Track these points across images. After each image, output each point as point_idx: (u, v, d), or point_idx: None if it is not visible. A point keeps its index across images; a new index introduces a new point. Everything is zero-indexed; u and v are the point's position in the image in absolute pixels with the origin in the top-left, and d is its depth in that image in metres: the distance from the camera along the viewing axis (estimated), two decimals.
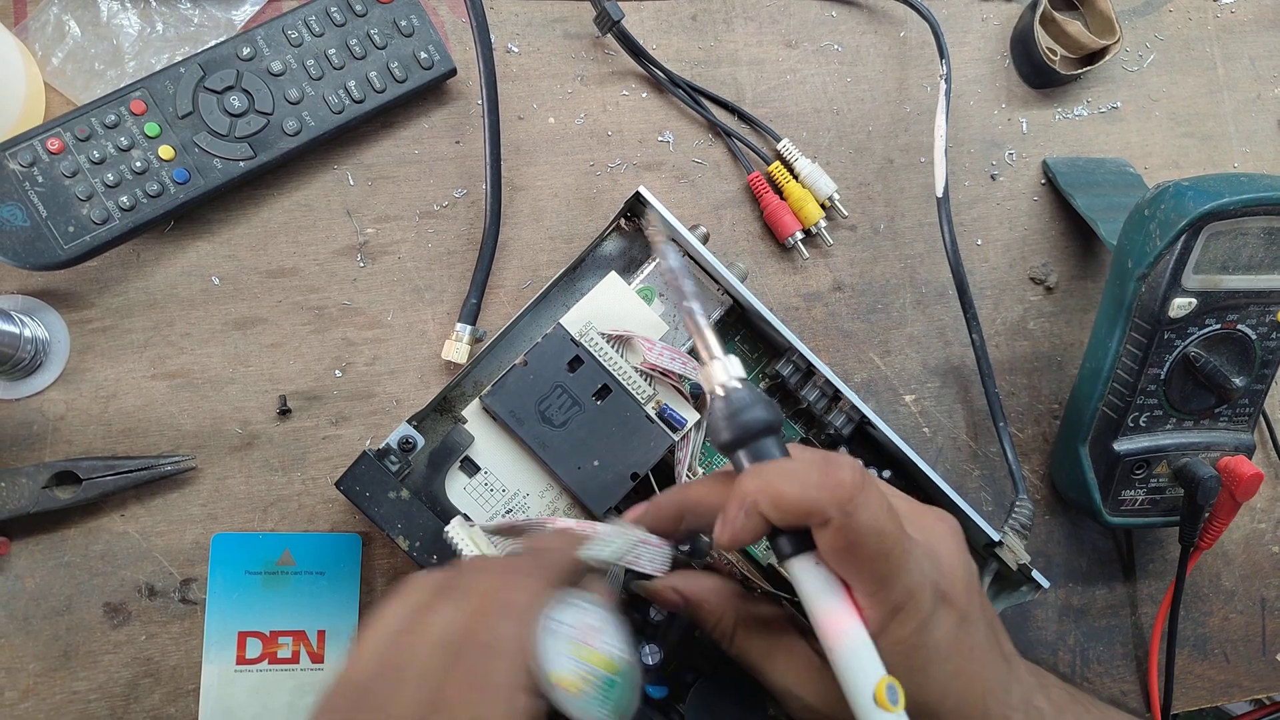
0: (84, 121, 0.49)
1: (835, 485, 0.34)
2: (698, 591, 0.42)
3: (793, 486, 0.35)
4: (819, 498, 0.34)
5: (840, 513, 0.34)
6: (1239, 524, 0.62)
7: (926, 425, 0.58)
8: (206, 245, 0.53)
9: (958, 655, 0.37)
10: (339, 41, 0.52)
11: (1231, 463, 0.54)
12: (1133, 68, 0.64)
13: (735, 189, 0.58)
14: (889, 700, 0.34)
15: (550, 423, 0.48)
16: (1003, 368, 0.60)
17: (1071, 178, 0.60)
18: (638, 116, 0.57)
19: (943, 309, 0.59)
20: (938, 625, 0.36)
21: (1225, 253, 0.51)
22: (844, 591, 0.36)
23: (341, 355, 0.53)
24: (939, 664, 0.36)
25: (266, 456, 0.52)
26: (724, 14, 0.59)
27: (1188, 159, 0.64)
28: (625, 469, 0.48)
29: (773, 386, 0.54)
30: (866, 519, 0.34)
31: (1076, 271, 0.61)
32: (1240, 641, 0.61)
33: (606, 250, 0.54)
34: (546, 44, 0.57)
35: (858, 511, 0.34)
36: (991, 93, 0.62)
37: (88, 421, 0.51)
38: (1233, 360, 0.53)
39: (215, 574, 0.50)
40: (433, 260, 0.54)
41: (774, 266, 0.58)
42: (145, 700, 0.49)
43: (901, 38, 0.61)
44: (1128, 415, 0.53)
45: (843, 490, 0.34)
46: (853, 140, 0.60)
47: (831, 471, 0.35)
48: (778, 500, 0.35)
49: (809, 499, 0.34)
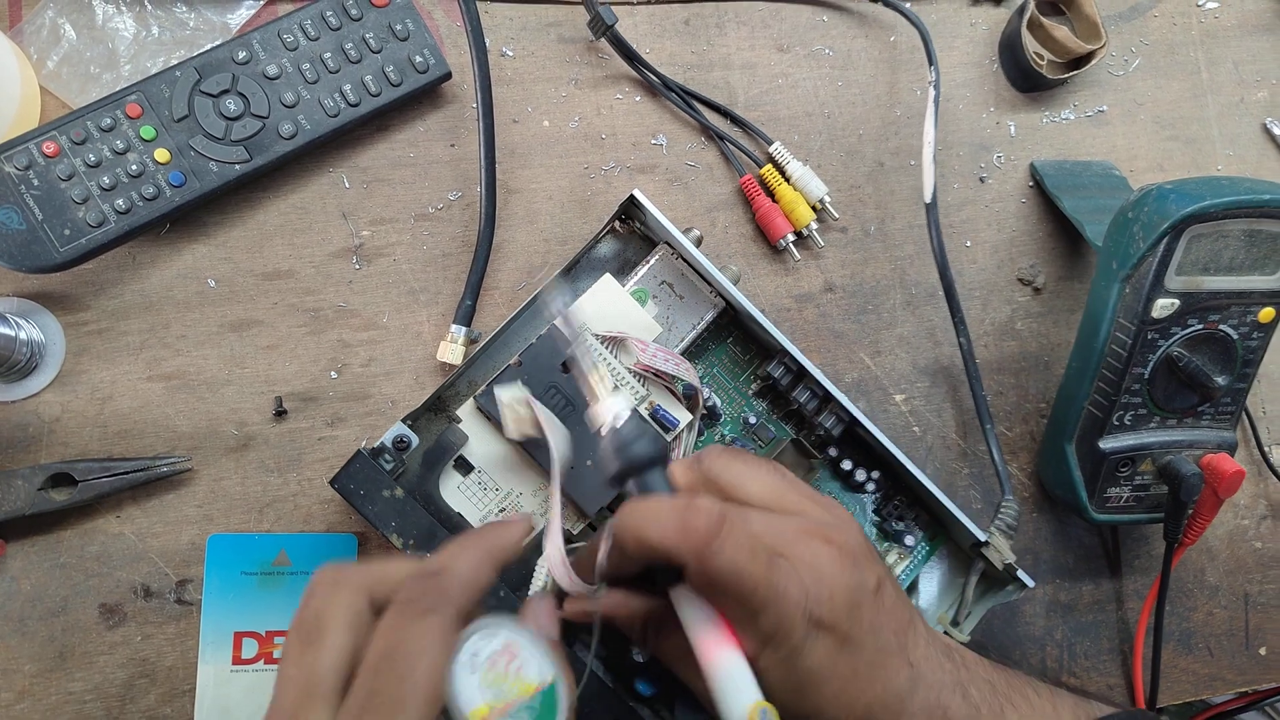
0: (79, 125, 0.49)
1: (689, 530, 0.35)
2: (607, 606, 0.43)
3: (653, 529, 0.36)
4: (676, 541, 0.35)
5: (695, 557, 0.35)
6: (1222, 520, 0.63)
7: (916, 424, 0.59)
8: (202, 248, 0.53)
9: (836, 677, 0.38)
10: (334, 45, 0.52)
11: (1214, 460, 0.55)
12: (1118, 72, 0.65)
13: (728, 191, 0.58)
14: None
15: None
16: (991, 367, 0.60)
17: (1058, 180, 0.61)
18: (631, 120, 0.58)
19: (932, 310, 0.60)
20: (812, 651, 0.37)
21: (1207, 254, 0.51)
22: (719, 619, 0.37)
23: (337, 357, 0.53)
24: (816, 687, 0.37)
25: (262, 457, 0.52)
26: (716, 19, 0.60)
27: (1172, 162, 0.65)
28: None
29: (764, 388, 0.54)
30: (722, 563, 0.35)
31: (1063, 273, 0.62)
32: (1224, 636, 0.62)
33: (601, 252, 0.54)
34: (541, 48, 0.57)
35: (712, 557, 0.35)
36: (980, 96, 0.63)
37: (83, 423, 0.51)
38: (1215, 360, 0.54)
39: (211, 575, 0.50)
40: (428, 262, 0.55)
41: (766, 268, 0.58)
42: (141, 701, 0.50)
43: (891, 42, 0.62)
44: (1113, 414, 0.54)
45: (696, 536, 0.35)
46: (843, 143, 0.60)
47: (688, 518, 0.36)
48: (640, 541, 0.36)
49: (666, 542, 0.36)
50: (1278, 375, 0.64)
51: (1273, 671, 0.62)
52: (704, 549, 0.35)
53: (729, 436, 0.54)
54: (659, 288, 0.52)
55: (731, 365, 0.54)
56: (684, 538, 0.35)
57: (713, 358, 0.54)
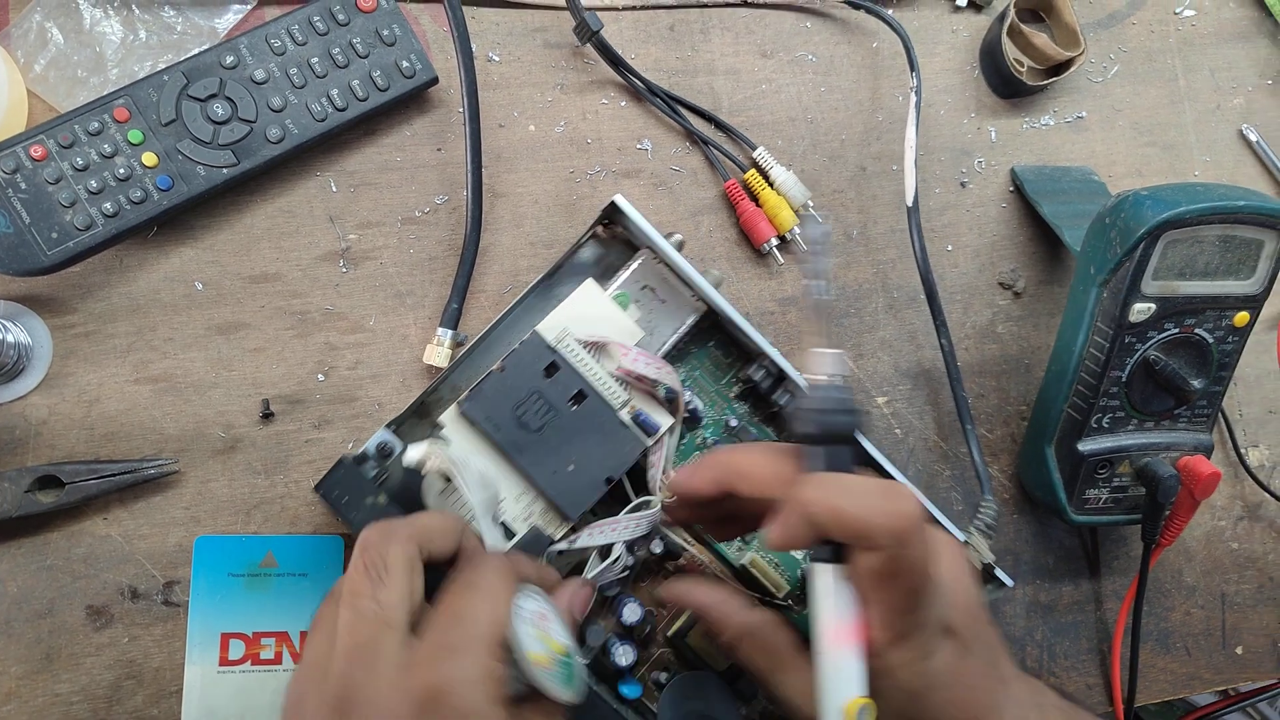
0: (67, 128, 0.49)
1: (897, 515, 0.35)
2: (704, 601, 0.45)
3: (856, 507, 0.36)
4: (879, 524, 0.35)
5: (895, 543, 0.35)
6: (1199, 521, 0.64)
7: (898, 427, 0.60)
8: (190, 251, 0.53)
9: (955, 684, 0.38)
10: (322, 50, 0.52)
11: (1191, 462, 0.56)
12: (1097, 79, 0.66)
13: (712, 196, 0.59)
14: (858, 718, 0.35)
15: (527, 428, 0.49)
16: (972, 370, 0.61)
17: (1038, 185, 0.62)
18: (617, 125, 0.58)
19: (914, 313, 0.60)
20: (938, 655, 0.38)
21: (1183, 259, 0.52)
22: (858, 608, 0.37)
23: (324, 359, 0.54)
24: (935, 691, 0.38)
25: (249, 460, 0.52)
26: (701, 24, 0.60)
27: (1150, 167, 0.65)
28: (600, 473, 0.49)
29: (745, 391, 0.55)
30: (915, 555, 0.36)
31: (1043, 277, 0.63)
32: (1201, 635, 0.63)
33: (583, 257, 0.55)
34: (527, 53, 0.58)
35: (910, 546, 0.35)
36: (961, 102, 0.63)
37: (70, 426, 0.51)
38: (1191, 363, 0.55)
39: (198, 576, 0.51)
40: (414, 266, 0.55)
41: (750, 272, 0.59)
42: (128, 702, 0.50)
43: (874, 48, 0.62)
44: (1091, 416, 0.55)
45: (903, 522, 0.35)
46: (826, 148, 0.61)
47: (896, 501, 0.36)
48: (838, 516, 0.36)
49: (869, 523, 0.35)
50: (1253, 378, 0.65)
51: (1249, 670, 0.63)
52: (905, 535, 0.35)
53: (711, 439, 0.54)
54: (641, 292, 0.53)
55: (713, 368, 0.55)
56: (890, 521, 0.35)
57: (694, 361, 0.55)
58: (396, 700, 0.35)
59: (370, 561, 0.37)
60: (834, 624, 0.37)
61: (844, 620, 0.37)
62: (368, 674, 0.35)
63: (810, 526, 0.37)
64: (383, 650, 0.36)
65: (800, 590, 0.54)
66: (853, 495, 0.36)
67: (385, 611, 0.36)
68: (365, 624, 0.36)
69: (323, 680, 0.36)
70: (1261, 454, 0.65)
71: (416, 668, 0.35)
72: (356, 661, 0.36)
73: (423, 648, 0.36)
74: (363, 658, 0.36)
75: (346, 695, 0.35)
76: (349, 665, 0.36)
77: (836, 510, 0.36)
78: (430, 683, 0.35)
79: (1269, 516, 0.65)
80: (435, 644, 0.36)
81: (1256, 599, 0.64)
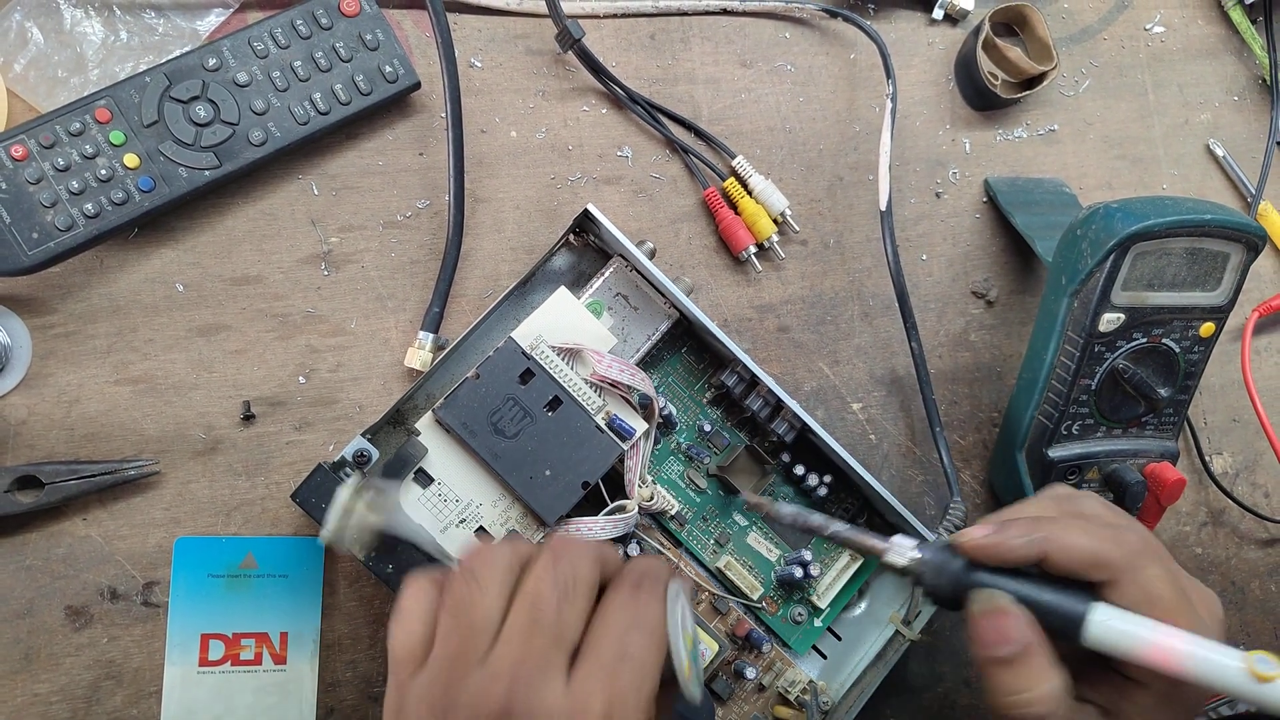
0: (48, 129, 0.49)
1: (1125, 544, 0.39)
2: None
3: (1084, 541, 0.39)
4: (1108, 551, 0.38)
5: (1127, 568, 0.38)
6: (1164, 527, 0.65)
7: (873, 433, 0.61)
8: (171, 252, 0.53)
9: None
10: (304, 54, 0.53)
11: (1157, 469, 0.57)
12: (1069, 92, 0.67)
13: (692, 204, 0.60)
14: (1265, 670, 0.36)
15: (502, 434, 0.49)
16: (945, 378, 0.62)
17: (1011, 196, 0.63)
18: (598, 132, 0.59)
19: (888, 321, 0.61)
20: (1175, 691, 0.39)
21: (1151, 271, 0.54)
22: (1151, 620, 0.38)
23: (305, 362, 0.54)
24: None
25: (230, 461, 0.52)
26: (681, 33, 0.61)
27: (1120, 180, 0.67)
28: (576, 478, 0.50)
29: (718, 396, 0.56)
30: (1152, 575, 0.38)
31: (1015, 286, 0.64)
32: None
33: (557, 265, 0.55)
34: (509, 59, 0.58)
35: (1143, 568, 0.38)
36: (936, 114, 0.64)
37: (50, 426, 0.51)
38: (1158, 372, 0.56)
39: (178, 577, 0.51)
40: (396, 269, 0.55)
41: (728, 279, 0.60)
42: (107, 702, 0.50)
43: (851, 59, 0.63)
44: (1061, 424, 0.56)
45: (1128, 548, 0.38)
46: (804, 158, 0.62)
47: (1119, 534, 0.39)
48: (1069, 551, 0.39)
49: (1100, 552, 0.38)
50: (1217, 387, 0.67)
51: None
52: (1138, 560, 0.38)
53: (684, 444, 0.55)
54: (614, 299, 0.54)
55: (686, 374, 0.56)
56: (1120, 549, 0.38)
57: (667, 367, 0.56)
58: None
59: (561, 573, 0.37)
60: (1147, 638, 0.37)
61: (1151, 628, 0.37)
62: (535, 690, 0.34)
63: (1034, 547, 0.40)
64: (551, 668, 0.35)
65: (774, 592, 0.55)
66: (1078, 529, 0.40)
67: (564, 630, 0.36)
68: (542, 635, 0.35)
69: (478, 676, 0.35)
70: (1225, 461, 0.67)
71: (585, 702, 0.34)
72: (526, 671, 0.34)
73: (591, 682, 0.35)
74: (533, 671, 0.35)
75: (509, 704, 0.34)
76: (515, 672, 0.34)
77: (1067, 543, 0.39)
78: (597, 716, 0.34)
79: (1231, 522, 0.67)
80: (604, 684, 0.35)
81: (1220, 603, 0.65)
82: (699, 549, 0.54)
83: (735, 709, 0.54)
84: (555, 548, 0.38)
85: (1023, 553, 0.39)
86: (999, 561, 0.40)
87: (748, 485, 0.54)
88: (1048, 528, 0.39)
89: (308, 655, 0.52)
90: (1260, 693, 0.36)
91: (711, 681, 0.53)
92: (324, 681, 0.52)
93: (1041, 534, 0.39)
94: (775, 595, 0.55)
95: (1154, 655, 0.37)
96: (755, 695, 0.54)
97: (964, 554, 0.40)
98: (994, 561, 0.40)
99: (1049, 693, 0.37)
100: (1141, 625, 0.37)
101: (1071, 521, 0.40)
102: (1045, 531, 0.39)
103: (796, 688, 0.54)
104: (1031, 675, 0.38)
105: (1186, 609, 0.38)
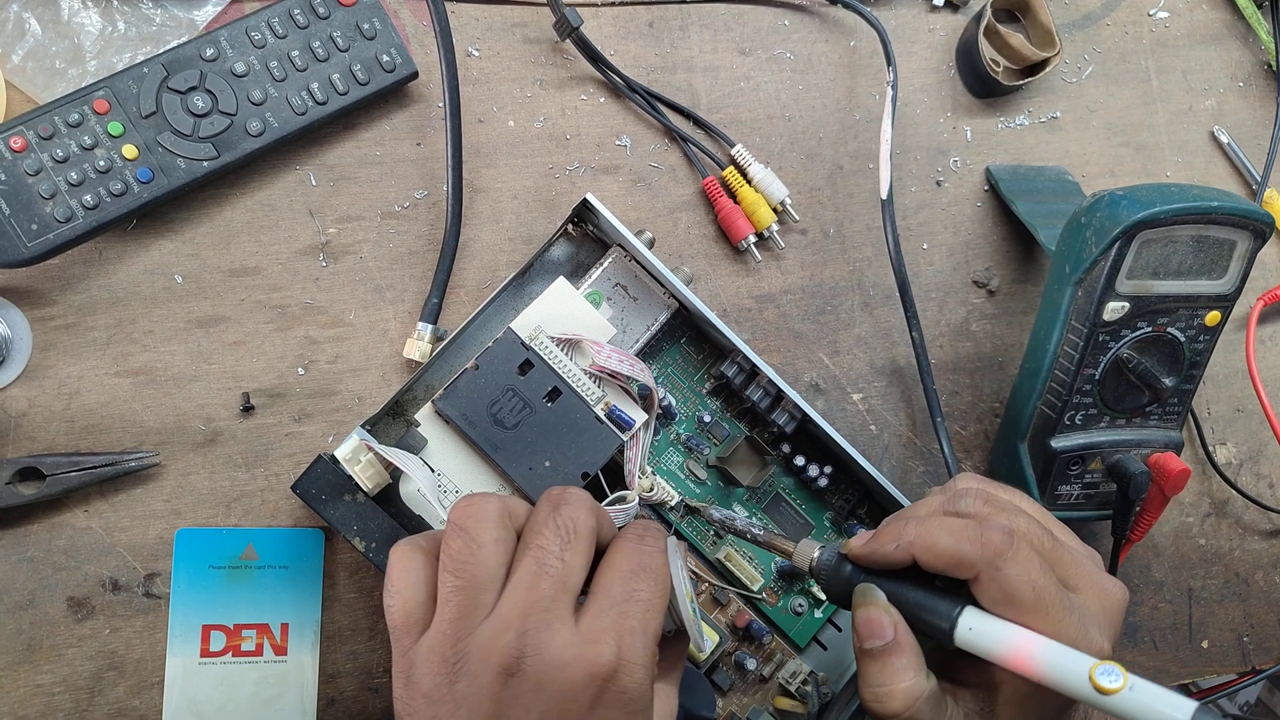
0: (46, 120, 0.49)
1: (984, 543, 0.38)
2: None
3: (946, 539, 0.39)
4: (969, 551, 0.38)
5: (988, 566, 0.38)
6: (1168, 518, 0.65)
7: (873, 423, 0.61)
8: (169, 244, 0.53)
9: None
10: (302, 43, 0.53)
11: (1161, 459, 0.57)
12: (1071, 79, 0.66)
13: (690, 193, 0.60)
14: (1105, 683, 0.35)
15: (502, 425, 0.49)
16: (946, 368, 0.62)
17: (1013, 185, 0.63)
18: (596, 121, 0.59)
19: (889, 311, 0.61)
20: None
21: (1156, 259, 0.53)
22: (1009, 620, 0.38)
23: (304, 353, 0.54)
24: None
25: (230, 453, 0.53)
26: (680, 21, 0.61)
27: (1123, 168, 0.66)
28: (576, 469, 0.50)
29: (718, 387, 0.55)
30: (1015, 573, 0.38)
31: (1017, 275, 0.64)
32: (1169, 629, 0.64)
33: (555, 255, 0.55)
34: (507, 48, 0.58)
35: (1006, 565, 0.38)
36: (937, 102, 0.64)
37: (50, 418, 0.51)
38: (1163, 361, 0.56)
39: (179, 568, 0.51)
40: (394, 260, 0.55)
41: (728, 269, 0.59)
42: (110, 693, 0.50)
43: (851, 47, 0.63)
44: (1064, 414, 0.56)
45: (990, 548, 0.38)
46: (804, 146, 0.62)
47: (982, 532, 0.39)
48: (933, 550, 0.39)
49: (960, 551, 0.39)
50: (1221, 377, 0.66)
51: (1214, 664, 0.65)
52: (997, 559, 0.38)
53: (684, 435, 0.55)
54: (613, 290, 0.53)
55: (685, 365, 0.56)
56: (979, 549, 0.38)
57: (667, 358, 0.55)
58: (575, 669, 0.35)
59: (562, 522, 0.37)
60: (1007, 639, 0.38)
61: (1010, 631, 0.38)
62: (546, 634, 0.35)
63: (901, 552, 0.41)
64: (560, 612, 0.36)
65: (774, 583, 0.55)
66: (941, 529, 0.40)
67: (569, 575, 0.36)
68: (548, 580, 0.36)
69: (487, 626, 0.36)
70: (1229, 451, 0.66)
71: (595, 642, 0.35)
72: (535, 617, 0.35)
73: (601, 621, 0.36)
74: (542, 615, 0.35)
75: (521, 649, 0.35)
76: (525, 618, 0.35)
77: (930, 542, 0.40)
78: (607, 660, 0.35)
79: (1235, 513, 0.66)
80: (614, 622, 0.36)
81: (1223, 594, 0.65)
82: (699, 540, 0.54)
83: (736, 700, 0.54)
84: (553, 497, 0.39)
85: (894, 557, 0.41)
86: (877, 565, 0.42)
87: (748, 476, 0.54)
88: (914, 530, 0.40)
89: (308, 646, 0.52)
90: (1105, 704, 0.35)
91: (712, 673, 0.53)
92: (325, 672, 0.52)
93: (908, 538, 0.40)
94: (775, 587, 0.55)
95: (1010, 659, 0.38)
96: (756, 687, 0.54)
97: (850, 560, 0.43)
98: (873, 566, 0.42)
99: (906, 690, 0.39)
100: (1001, 628, 0.38)
101: (941, 521, 0.40)
102: (912, 535, 0.40)
103: (797, 679, 0.54)
104: (893, 672, 0.40)
105: (1055, 605, 0.38)
